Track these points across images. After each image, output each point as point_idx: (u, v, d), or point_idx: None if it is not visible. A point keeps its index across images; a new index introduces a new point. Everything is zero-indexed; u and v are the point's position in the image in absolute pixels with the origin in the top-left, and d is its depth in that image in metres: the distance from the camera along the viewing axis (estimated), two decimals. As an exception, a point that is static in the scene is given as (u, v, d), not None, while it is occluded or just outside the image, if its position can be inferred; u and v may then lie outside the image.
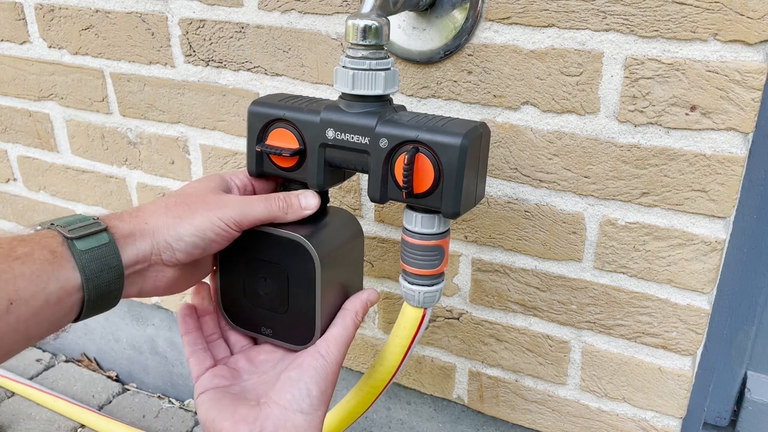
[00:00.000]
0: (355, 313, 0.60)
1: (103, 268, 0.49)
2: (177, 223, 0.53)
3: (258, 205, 0.56)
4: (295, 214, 0.58)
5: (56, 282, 0.46)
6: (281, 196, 0.58)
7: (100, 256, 0.49)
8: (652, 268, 0.68)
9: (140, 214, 0.53)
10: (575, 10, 0.62)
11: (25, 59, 1.02)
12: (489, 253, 0.76)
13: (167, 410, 1.17)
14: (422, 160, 0.54)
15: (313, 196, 0.59)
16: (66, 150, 1.06)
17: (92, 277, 0.48)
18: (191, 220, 0.53)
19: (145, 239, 0.52)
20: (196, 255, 0.54)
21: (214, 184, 0.58)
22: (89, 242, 0.48)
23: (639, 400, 0.74)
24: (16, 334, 0.45)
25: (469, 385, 0.85)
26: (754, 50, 0.56)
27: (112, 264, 0.49)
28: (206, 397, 0.55)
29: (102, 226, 0.50)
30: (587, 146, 0.66)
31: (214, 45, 0.84)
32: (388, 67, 0.56)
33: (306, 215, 0.59)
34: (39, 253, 0.46)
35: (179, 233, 0.52)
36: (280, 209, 0.57)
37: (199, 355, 0.59)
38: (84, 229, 0.49)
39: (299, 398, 0.53)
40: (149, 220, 0.53)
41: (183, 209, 0.54)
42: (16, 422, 1.13)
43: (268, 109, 0.60)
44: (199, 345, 0.60)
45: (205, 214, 0.53)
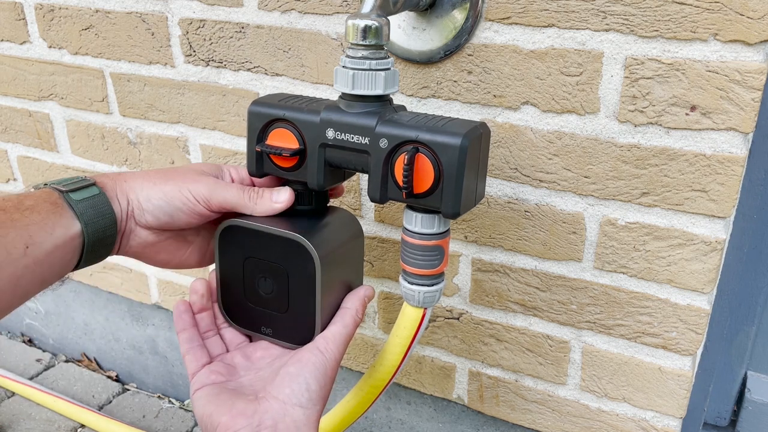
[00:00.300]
0: (355, 310, 0.60)
1: (98, 215, 0.54)
2: (149, 187, 0.57)
3: (231, 189, 0.59)
4: (264, 206, 0.60)
5: (61, 228, 0.52)
6: (255, 188, 0.61)
7: (94, 204, 0.54)
8: (652, 268, 0.68)
9: (122, 175, 0.58)
10: (575, 10, 0.62)
11: (25, 59, 1.02)
12: (489, 253, 0.76)
13: (167, 410, 1.17)
14: (422, 160, 0.54)
15: (286, 192, 0.60)
16: (66, 150, 1.06)
17: (90, 223, 0.53)
18: (162, 186, 0.57)
19: (122, 196, 0.56)
20: (163, 221, 0.57)
21: (205, 167, 0.61)
22: (82, 194, 0.54)
23: (639, 400, 0.74)
24: (33, 276, 0.50)
25: (469, 385, 0.85)
26: (754, 50, 0.56)
27: (106, 212, 0.54)
28: (203, 393, 0.55)
29: (90, 181, 0.55)
30: (587, 146, 0.66)
31: (214, 45, 0.84)
32: (388, 67, 0.56)
33: (277, 209, 0.60)
34: (43, 205, 0.52)
35: (149, 195, 0.57)
36: (250, 199, 0.59)
37: (196, 352, 0.59)
38: (75, 184, 0.54)
39: (298, 393, 0.53)
40: (128, 180, 0.57)
41: (159, 177, 0.58)
42: (16, 422, 1.13)
43: (268, 109, 0.60)
44: (195, 342, 0.60)
45: (178, 184, 0.57)
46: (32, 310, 1.31)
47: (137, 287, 1.11)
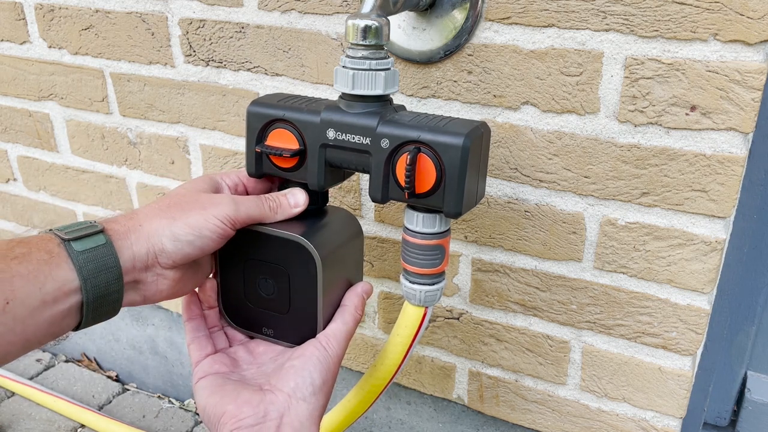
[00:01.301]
0: (354, 307, 0.60)
1: (100, 269, 0.48)
2: (171, 224, 0.53)
3: (250, 203, 0.57)
4: (284, 213, 0.59)
5: (53, 282, 0.46)
6: (271, 195, 0.59)
7: (98, 256, 0.48)
8: (652, 268, 0.68)
9: (134, 218, 0.53)
10: (575, 10, 0.62)
11: (25, 59, 1.02)
12: (489, 253, 0.76)
13: (167, 410, 1.17)
14: (424, 160, 0.54)
15: (301, 194, 0.60)
16: (66, 150, 1.06)
17: (90, 278, 0.48)
18: (186, 219, 0.53)
19: (140, 241, 0.52)
20: (192, 255, 0.54)
21: (205, 185, 0.59)
22: (86, 243, 0.49)
23: (639, 400, 0.74)
24: (13, 335, 0.45)
25: (469, 385, 0.85)
26: (754, 50, 0.56)
27: (110, 264, 0.49)
28: (206, 383, 0.55)
29: (98, 228, 0.50)
30: (587, 146, 0.66)
31: (214, 45, 0.84)
32: (388, 67, 0.56)
33: (295, 213, 0.59)
34: (36, 254, 0.46)
35: (175, 233, 0.52)
36: (270, 209, 0.58)
37: (201, 341, 0.60)
38: (80, 231, 0.49)
39: (302, 386, 0.53)
40: (143, 223, 0.53)
41: (176, 210, 0.54)
42: (16, 422, 1.13)
43: (267, 109, 0.60)
44: (201, 332, 0.61)
45: (200, 212, 0.54)
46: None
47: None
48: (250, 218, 0.57)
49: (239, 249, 0.61)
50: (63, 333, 0.49)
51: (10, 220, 1.22)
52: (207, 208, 0.54)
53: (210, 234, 0.54)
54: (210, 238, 0.54)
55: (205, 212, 0.54)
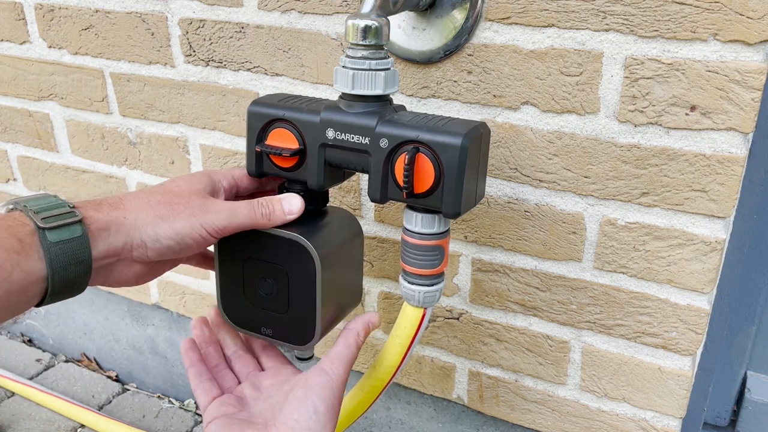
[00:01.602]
0: (357, 333, 0.59)
1: (71, 262, 0.47)
2: (157, 223, 0.52)
3: (242, 211, 0.55)
4: (278, 220, 0.58)
5: (20, 272, 0.45)
6: (264, 201, 0.57)
7: (70, 249, 0.47)
8: (652, 268, 0.68)
9: (120, 207, 0.52)
10: (575, 10, 0.62)
11: (25, 59, 1.02)
12: (489, 253, 0.76)
13: (167, 410, 1.17)
14: (423, 160, 0.54)
15: (296, 200, 0.58)
16: (66, 150, 1.06)
17: (59, 270, 0.46)
18: (172, 222, 0.52)
19: (120, 234, 0.50)
20: (168, 256, 0.53)
21: (201, 185, 0.57)
22: (61, 233, 0.46)
23: (639, 400, 0.74)
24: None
25: (469, 385, 0.85)
26: (754, 50, 0.56)
27: (81, 258, 0.47)
28: (215, 426, 0.55)
29: (77, 218, 0.48)
30: (587, 146, 0.66)
31: (214, 45, 0.84)
32: (388, 67, 0.56)
33: (290, 220, 0.58)
34: (6, 240, 0.44)
35: (157, 234, 0.51)
36: (263, 216, 0.57)
37: (205, 386, 0.60)
38: (57, 219, 0.47)
39: (306, 417, 0.53)
40: (128, 215, 0.51)
41: (165, 209, 0.52)
42: (16, 422, 1.13)
43: (267, 109, 0.60)
44: (204, 376, 0.60)
45: (188, 218, 0.53)
46: (32, 310, 1.32)
47: (137, 287, 1.11)
48: (240, 227, 0.56)
49: (239, 248, 0.61)
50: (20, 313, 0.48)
51: None
52: (197, 215, 0.53)
53: (192, 242, 0.53)
54: (191, 246, 0.53)
55: (194, 219, 0.53)
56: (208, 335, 0.65)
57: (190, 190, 0.56)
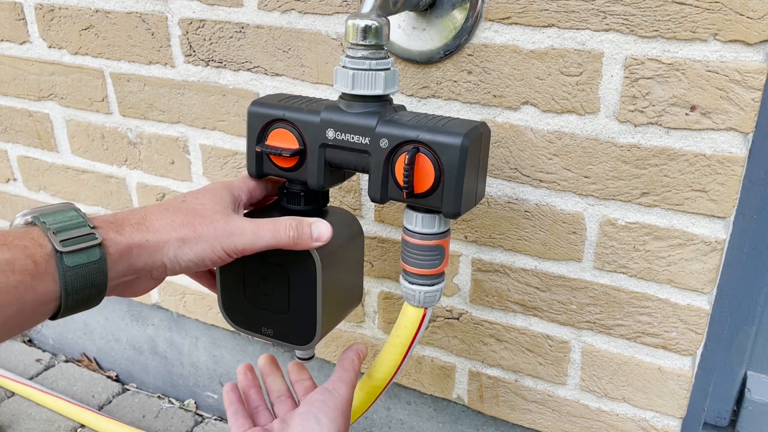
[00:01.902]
0: (351, 360, 0.62)
1: (86, 286, 0.46)
2: (178, 246, 0.51)
3: (266, 234, 0.54)
4: (304, 245, 0.55)
5: (33, 294, 0.43)
6: (293, 223, 0.55)
7: (87, 274, 0.45)
8: (652, 268, 0.68)
9: (143, 227, 0.50)
10: (575, 10, 0.62)
11: (25, 59, 1.02)
12: (489, 253, 0.76)
13: (167, 410, 1.17)
14: (423, 160, 0.54)
15: (326, 228, 0.56)
16: (66, 150, 1.06)
17: (72, 293, 0.45)
18: (194, 245, 0.51)
19: (142, 257, 0.49)
20: (183, 273, 0.54)
21: (224, 202, 0.56)
22: (79, 258, 0.45)
23: (639, 400, 0.74)
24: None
25: (469, 385, 0.85)
26: (754, 50, 0.56)
27: (97, 282, 0.46)
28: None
29: (97, 241, 0.46)
30: (587, 146, 0.66)
31: (214, 45, 0.84)
32: (388, 67, 0.56)
33: (315, 247, 0.56)
34: (21, 262, 0.43)
35: (177, 256, 0.51)
36: (290, 238, 0.55)
37: (240, 421, 0.62)
38: (76, 242, 0.45)
39: (308, 428, 0.54)
40: (151, 237, 0.50)
41: (188, 230, 0.51)
42: (16, 422, 1.13)
43: (267, 109, 0.60)
44: (239, 413, 0.63)
45: (210, 242, 0.52)
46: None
47: (137, 287, 1.10)
48: (264, 248, 0.54)
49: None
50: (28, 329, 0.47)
51: (9, 221, 1.22)
52: (220, 238, 0.52)
53: (210, 263, 0.53)
54: (208, 265, 0.53)
55: (216, 242, 0.52)
56: (251, 379, 0.68)
57: (213, 209, 0.54)
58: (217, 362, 1.11)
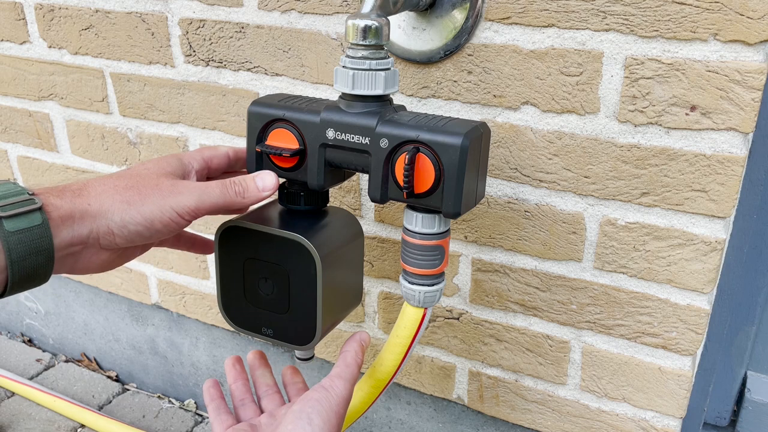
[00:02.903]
0: (354, 352, 0.59)
1: (31, 252, 0.45)
2: (124, 209, 0.49)
3: (214, 191, 0.53)
4: (252, 197, 0.55)
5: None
6: (237, 180, 0.55)
7: (30, 238, 0.45)
8: (652, 268, 0.68)
9: (84, 193, 0.49)
10: (575, 10, 0.62)
11: (25, 59, 1.02)
12: (489, 253, 0.76)
13: (167, 410, 1.17)
14: (423, 160, 0.54)
15: (270, 176, 0.56)
16: (66, 150, 1.06)
17: (18, 260, 0.44)
18: (140, 206, 0.50)
19: (84, 222, 0.48)
20: (137, 242, 0.52)
21: (170, 167, 0.55)
22: (19, 222, 0.44)
23: (639, 400, 0.74)
24: None
25: (469, 385, 0.85)
26: (754, 50, 0.56)
27: (42, 247, 0.45)
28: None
29: (36, 205, 0.46)
30: (587, 146, 0.66)
31: (214, 45, 0.84)
32: (388, 67, 0.56)
33: (265, 197, 0.56)
34: None
35: (124, 220, 0.49)
36: (237, 194, 0.54)
37: (222, 417, 0.60)
38: (16, 207, 0.45)
39: (300, 428, 0.52)
40: (93, 202, 0.49)
41: (133, 193, 0.50)
42: (16, 422, 1.13)
43: (267, 109, 0.60)
44: (221, 409, 0.61)
45: (157, 201, 0.50)
46: (32, 310, 1.32)
47: (137, 287, 1.11)
48: (215, 207, 0.53)
49: (239, 249, 0.61)
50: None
51: None
52: (166, 197, 0.51)
53: (161, 227, 0.51)
54: (161, 230, 0.51)
55: (163, 201, 0.51)
56: (239, 371, 0.66)
57: (158, 173, 0.53)
58: (217, 362, 1.11)
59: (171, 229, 0.52)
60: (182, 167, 0.56)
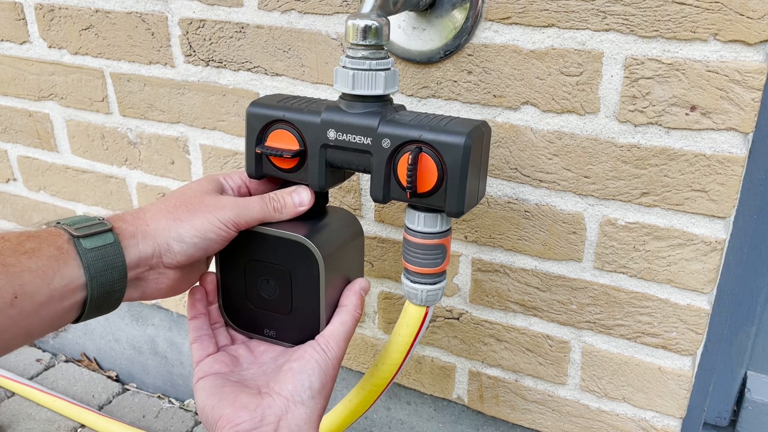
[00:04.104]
0: (354, 306, 0.60)
1: (107, 267, 0.49)
2: (178, 225, 0.54)
3: (254, 205, 0.58)
4: (290, 213, 0.59)
5: (61, 278, 0.47)
6: (275, 195, 0.59)
7: (105, 255, 0.49)
8: (652, 268, 0.68)
9: (141, 216, 0.54)
10: (575, 10, 0.62)
11: (25, 59, 1.02)
12: (489, 253, 0.76)
13: (167, 410, 1.17)
14: (425, 159, 0.54)
15: (306, 192, 0.60)
16: (66, 150, 1.06)
17: (96, 275, 0.49)
18: (192, 221, 0.54)
19: (147, 241, 0.53)
20: (196, 256, 0.55)
21: (210, 186, 0.59)
22: (95, 241, 0.49)
23: (639, 400, 0.74)
24: (18, 329, 0.46)
25: (469, 385, 0.85)
26: (754, 50, 0.56)
27: (117, 263, 0.50)
28: (205, 383, 0.55)
29: (107, 226, 0.51)
30: (587, 146, 0.66)
31: (214, 45, 0.84)
32: (388, 67, 0.56)
33: (301, 212, 0.60)
34: (46, 249, 0.47)
35: (180, 234, 0.54)
36: (275, 209, 0.59)
37: (204, 341, 0.60)
38: (89, 228, 0.50)
39: (300, 390, 0.53)
40: (150, 223, 0.54)
41: (183, 211, 0.55)
42: (16, 422, 1.13)
43: (267, 110, 0.60)
44: (204, 330, 0.61)
45: (205, 215, 0.55)
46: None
47: (137, 287, 1.10)
48: (254, 220, 0.57)
49: (240, 250, 0.60)
50: (63, 326, 0.50)
51: (10, 220, 1.22)
52: (212, 212, 0.55)
53: (214, 237, 0.55)
54: (215, 240, 0.55)
55: (210, 215, 0.55)
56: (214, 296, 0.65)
57: (200, 191, 0.58)
58: (217, 362, 1.11)
59: (222, 238, 0.56)
60: (219, 185, 0.61)
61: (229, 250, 0.61)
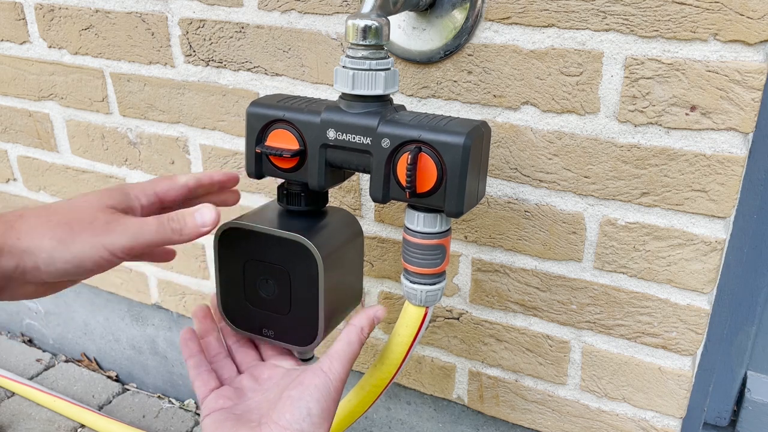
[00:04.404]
0: (361, 328, 0.57)
1: None
2: (53, 246, 0.48)
3: (149, 228, 0.51)
4: (191, 233, 0.53)
5: None
6: (175, 215, 0.53)
7: None
8: (652, 268, 0.68)
9: (14, 227, 0.48)
10: (575, 10, 0.62)
11: (25, 59, 1.02)
12: (489, 253, 0.76)
13: (167, 410, 1.17)
14: (425, 159, 0.54)
15: (209, 212, 0.53)
16: (66, 150, 1.06)
17: None
18: (70, 245, 0.48)
19: (12, 257, 0.47)
20: (64, 278, 0.50)
21: (111, 201, 0.53)
22: None
23: (639, 400, 0.74)
24: None
25: (469, 385, 0.85)
26: (754, 50, 0.56)
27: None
28: (210, 420, 0.55)
29: None
30: (587, 146, 0.66)
31: (214, 45, 0.84)
32: (388, 67, 0.56)
33: (204, 233, 0.53)
34: None
35: (53, 257, 0.48)
36: (173, 231, 0.52)
37: (204, 377, 0.59)
38: None
39: (299, 418, 0.51)
40: (23, 237, 0.48)
41: (64, 230, 0.49)
42: (16, 422, 1.13)
43: (267, 110, 0.60)
44: (202, 367, 0.60)
45: (88, 239, 0.49)
46: (32, 310, 1.31)
47: (137, 287, 1.10)
48: (151, 244, 0.51)
49: (239, 249, 0.60)
50: None
51: None
52: (99, 235, 0.49)
53: (91, 266, 0.49)
54: (91, 269, 0.50)
55: (96, 240, 0.49)
56: (210, 324, 0.64)
57: (97, 206, 0.52)
58: (217, 362, 1.11)
59: (103, 267, 0.50)
60: (126, 201, 0.54)
61: (227, 249, 0.61)
